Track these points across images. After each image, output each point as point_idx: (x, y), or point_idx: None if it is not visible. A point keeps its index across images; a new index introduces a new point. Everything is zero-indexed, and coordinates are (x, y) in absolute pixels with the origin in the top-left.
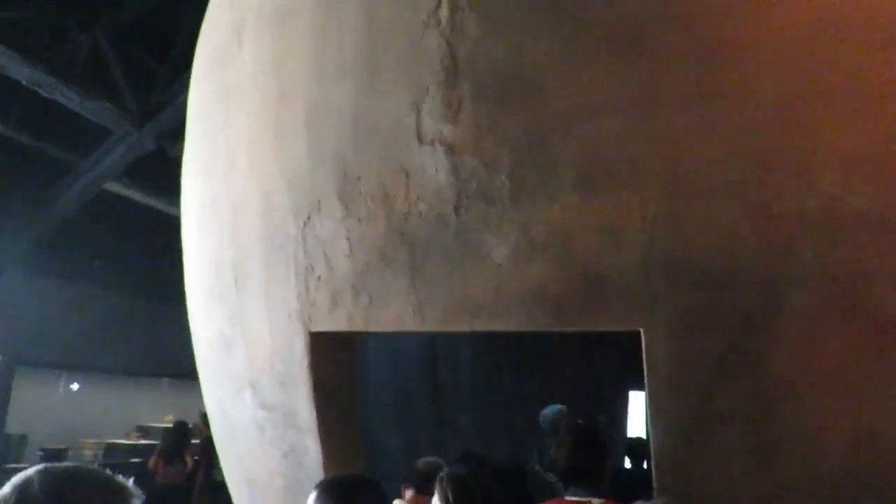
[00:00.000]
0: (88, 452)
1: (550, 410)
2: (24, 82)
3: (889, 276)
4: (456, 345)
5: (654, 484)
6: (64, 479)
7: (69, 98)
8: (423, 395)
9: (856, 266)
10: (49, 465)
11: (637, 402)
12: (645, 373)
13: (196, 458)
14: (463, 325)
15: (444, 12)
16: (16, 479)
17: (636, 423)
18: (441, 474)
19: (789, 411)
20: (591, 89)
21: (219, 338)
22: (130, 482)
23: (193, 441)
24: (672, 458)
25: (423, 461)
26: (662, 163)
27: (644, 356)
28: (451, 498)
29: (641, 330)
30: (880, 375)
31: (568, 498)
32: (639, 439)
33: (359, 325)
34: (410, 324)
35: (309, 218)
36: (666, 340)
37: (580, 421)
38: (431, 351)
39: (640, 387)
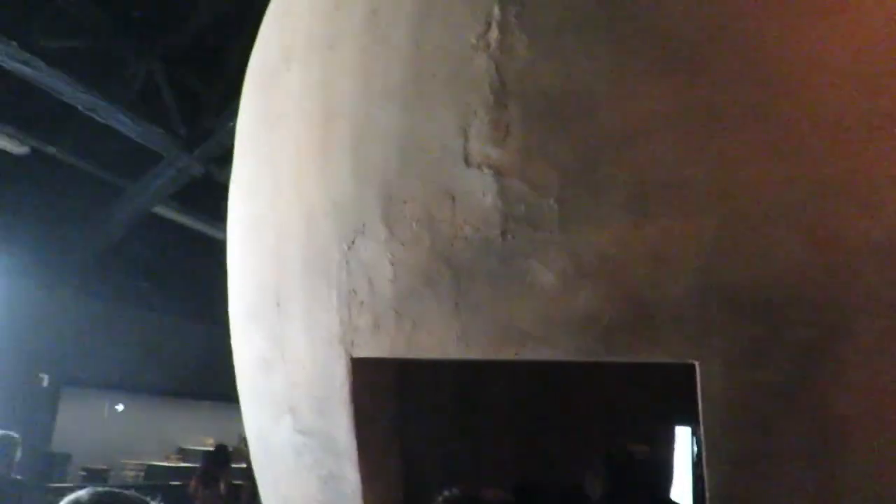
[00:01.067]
0: (130, 473)
1: None
2: (79, 107)
3: None
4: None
5: None
6: (106, 500)
7: (122, 123)
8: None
9: None
10: (96, 486)
11: (683, 438)
12: (700, 407)
13: (236, 482)
14: (508, 354)
15: (494, 34)
16: (68, 498)
17: (682, 459)
18: (439, 497)
19: (854, 451)
20: (644, 111)
21: (259, 361)
22: None
23: (236, 465)
24: (726, 498)
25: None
26: (718, 187)
27: (699, 390)
28: None
29: (696, 363)
30: None
31: None
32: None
33: (401, 351)
34: (454, 351)
35: (353, 241)
36: (722, 373)
37: (613, 453)
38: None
39: (686, 422)
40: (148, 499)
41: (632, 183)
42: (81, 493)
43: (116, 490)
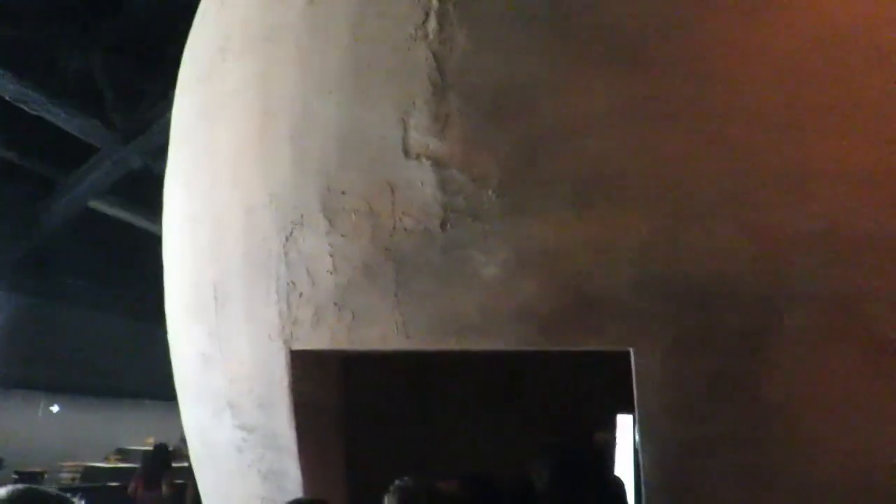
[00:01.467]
0: (66, 475)
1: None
2: (8, 98)
3: (887, 296)
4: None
5: None
6: (26, 498)
7: (55, 114)
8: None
9: (853, 286)
10: (17, 486)
11: (624, 427)
12: (635, 394)
13: (178, 482)
14: (449, 344)
15: (433, 25)
16: None
17: (624, 448)
18: (391, 486)
19: (784, 436)
20: (585, 104)
21: (197, 356)
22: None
23: (179, 465)
24: (662, 484)
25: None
26: (658, 180)
27: (634, 378)
28: None
29: (631, 350)
30: (877, 400)
31: None
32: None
33: (342, 344)
34: (395, 342)
35: (291, 233)
36: (659, 361)
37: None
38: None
39: (627, 410)
40: (69, 496)
41: (573, 175)
42: (1, 492)
43: (36, 487)
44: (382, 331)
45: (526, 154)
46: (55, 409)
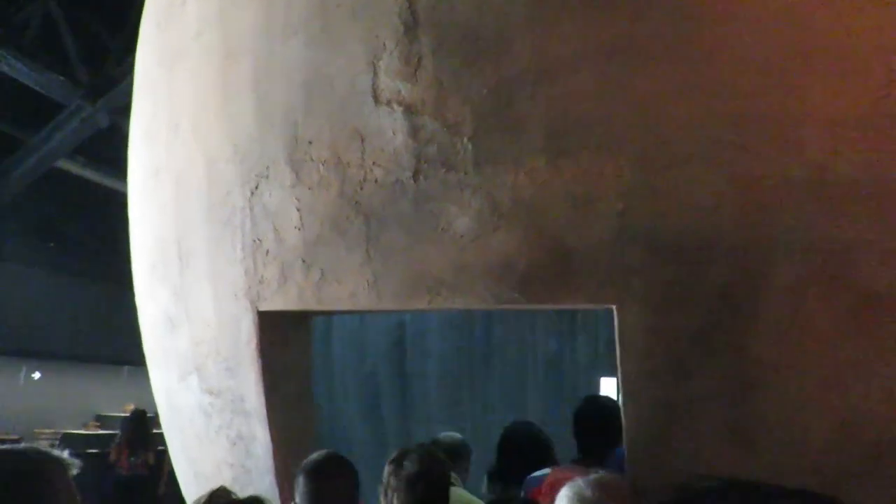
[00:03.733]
0: (44, 443)
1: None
2: None
3: (876, 246)
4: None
5: (626, 470)
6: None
7: (18, 70)
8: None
9: (842, 237)
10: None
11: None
12: (618, 353)
13: (162, 447)
14: (421, 303)
15: None
16: None
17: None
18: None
19: (770, 393)
20: (562, 44)
21: (163, 318)
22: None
23: (158, 431)
24: (646, 443)
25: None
26: (638, 125)
27: (617, 335)
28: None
29: (614, 307)
30: (865, 355)
31: None
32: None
33: (310, 303)
34: (365, 301)
35: (256, 187)
36: (640, 317)
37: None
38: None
39: (611, 373)
40: (52, 450)
41: (549, 120)
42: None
43: (8, 448)
44: (352, 289)
45: (500, 98)
46: (37, 375)
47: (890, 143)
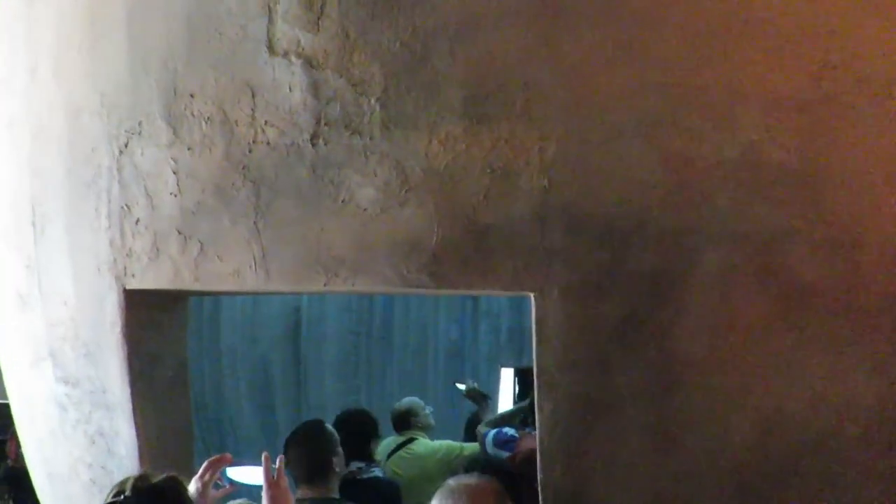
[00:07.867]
0: None
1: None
2: None
3: (807, 236)
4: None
5: (539, 473)
6: None
7: None
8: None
9: (773, 224)
10: None
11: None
12: (534, 345)
13: None
14: (317, 285)
15: None
16: None
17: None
18: None
19: (694, 390)
20: None
21: (14, 295)
22: None
23: None
24: (562, 442)
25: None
26: (566, 93)
27: (533, 325)
28: None
29: (532, 295)
30: (791, 351)
31: None
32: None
33: (187, 282)
34: (251, 281)
35: (127, 144)
36: (561, 306)
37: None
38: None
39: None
40: None
41: (468, 82)
42: None
43: None
44: (237, 266)
45: (413, 54)
46: None
47: (822, 126)
